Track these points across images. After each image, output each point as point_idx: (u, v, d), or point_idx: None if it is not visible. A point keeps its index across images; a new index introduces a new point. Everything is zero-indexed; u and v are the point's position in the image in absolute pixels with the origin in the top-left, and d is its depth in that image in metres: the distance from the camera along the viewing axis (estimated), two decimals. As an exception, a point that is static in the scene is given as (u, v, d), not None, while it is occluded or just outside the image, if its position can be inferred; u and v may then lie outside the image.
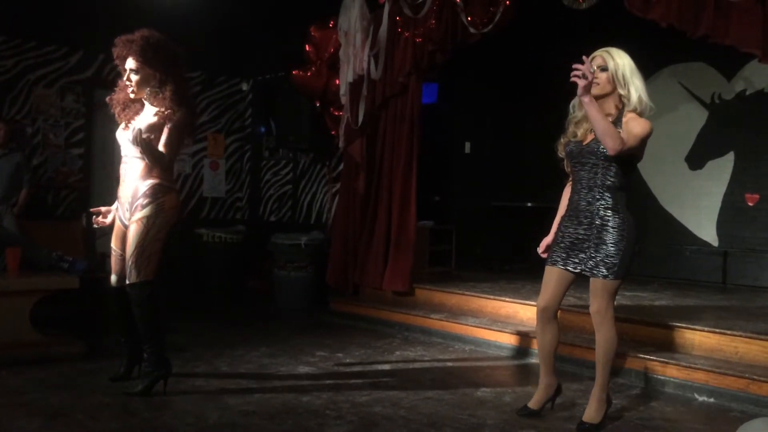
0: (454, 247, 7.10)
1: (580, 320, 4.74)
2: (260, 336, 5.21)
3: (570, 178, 3.35)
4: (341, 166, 6.81)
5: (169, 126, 3.57)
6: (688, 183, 6.83)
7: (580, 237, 3.18)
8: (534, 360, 4.64)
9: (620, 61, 3.11)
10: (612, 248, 3.10)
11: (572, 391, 3.87)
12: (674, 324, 4.43)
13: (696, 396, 3.93)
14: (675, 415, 3.63)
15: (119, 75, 3.74)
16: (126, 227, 3.62)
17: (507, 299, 5.34)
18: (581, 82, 2.91)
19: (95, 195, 7.05)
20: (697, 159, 6.79)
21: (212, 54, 7.18)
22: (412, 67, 5.91)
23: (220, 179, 8.17)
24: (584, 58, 2.95)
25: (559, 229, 3.31)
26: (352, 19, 6.22)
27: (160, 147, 3.56)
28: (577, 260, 3.19)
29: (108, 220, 3.75)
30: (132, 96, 3.66)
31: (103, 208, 3.80)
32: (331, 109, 6.68)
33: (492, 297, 5.44)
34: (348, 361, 4.58)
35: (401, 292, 5.99)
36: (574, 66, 2.91)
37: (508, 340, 4.97)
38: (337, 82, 6.46)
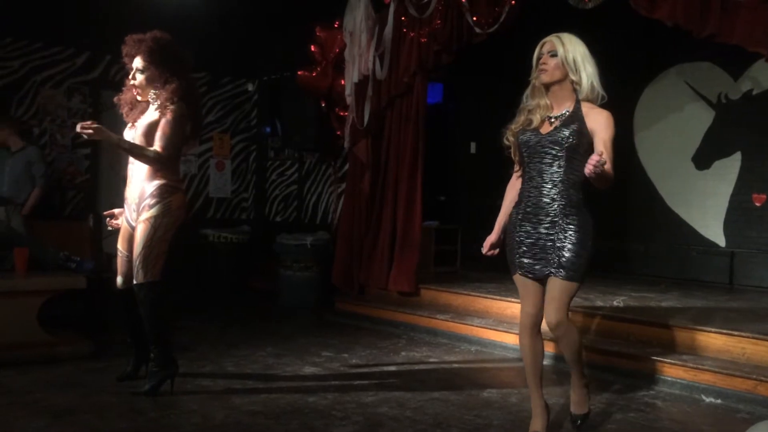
0: (459, 247, 7.09)
1: (581, 319, 4.74)
2: (266, 336, 5.22)
3: (517, 170, 3.09)
4: (347, 166, 6.81)
5: (163, 121, 3.58)
6: (694, 183, 6.81)
7: (542, 237, 2.92)
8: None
9: (571, 46, 2.91)
10: (576, 248, 2.87)
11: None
12: (681, 325, 4.41)
13: (703, 397, 3.91)
14: (682, 416, 3.62)
15: (126, 76, 3.76)
16: (133, 228, 3.63)
17: (513, 300, 5.33)
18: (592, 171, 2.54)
19: (102, 195, 7.08)
20: (703, 159, 6.77)
21: (218, 54, 7.20)
22: (417, 68, 5.91)
23: (226, 179, 8.18)
24: (596, 157, 2.53)
25: (515, 230, 3.00)
26: (357, 19, 6.22)
27: (155, 144, 3.55)
28: (539, 261, 2.93)
29: (122, 222, 3.76)
30: (137, 94, 3.68)
31: (116, 210, 3.81)
32: (337, 109, 6.68)
33: (498, 297, 5.43)
34: (354, 361, 4.58)
35: (407, 293, 5.99)
36: (592, 164, 2.52)
37: (514, 340, 4.96)
38: (343, 82, 6.46)
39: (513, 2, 5.27)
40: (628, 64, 6.60)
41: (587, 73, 2.90)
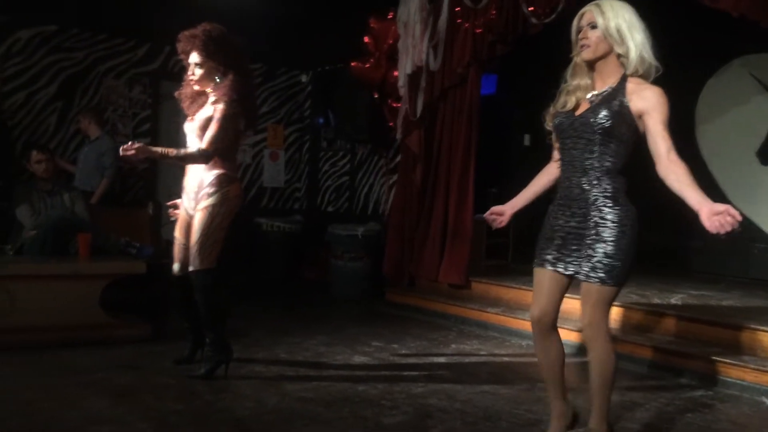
0: (511, 240, 7.02)
1: (639, 317, 4.64)
2: (317, 324, 5.29)
3: (555, 157, 2.81)
4: (398, 158, 6.81)
5: (213, 119, 3.63)
6: (759, 178, 6.55)
7: (573, 232, 2.60)
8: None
9: (612, 14, 2.53)
10: (612, 247, 2.50)
11: (638, 391, 3.78)
12: (742, 324, 4.27)
13: (764, 400, 3.78)
14: (742, 418, 3.51)
15: (184, 68, 3.84)
16: (191, 217, 3.72)
17: (566, 295, 5.24)
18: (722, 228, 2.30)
19: (161, 183, 7.28)
20: (769, 153, 6.52)
21: (273, 46, 7.28)
22: (471, 59, 5.85)
23: (280, 169, 8.30)
24: (722, 210, 2.32)
25: (549, 222, 2.71)
26: (411, 10, 6.20)
27: (204, 143, 3.61)
28: (569, 260, 2.61)
29: (180, 211, 3.86)
30: (197, 89, 3.76)
31: (178, 201, 3.91)
32: (390, 100, 6.68)
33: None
34: (403, 352, 4.60)
35: (457, 285, 5.96)
36: (722, 221, 2.30)
37: (567, 336, 4.86)
38: (396, 73, 6.45)
39: (569, -9, 5.16)
40: (690, 56, 6.38)
41: (635, 43, 2.52)
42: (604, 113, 2.52)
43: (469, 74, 5.93)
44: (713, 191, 6.67)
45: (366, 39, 6.69)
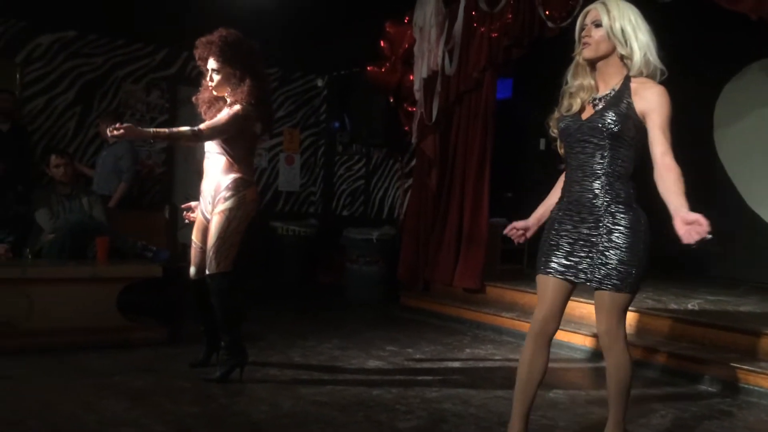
0: (526, 244, 6.95)
1: (655, 322, 4.60)
2: (332, 328, 5.30)
3: (564, 165, 2.69)
4: (414, 162, 6.82)
5: (225, 110, 3.66)
6: (778, 183, 6.49)
7: (583, 238, 2.51)
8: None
9: (618, 13, 2.45)
10: (626, 253, 2.44)
11: (655, 397, 3.75)
12: (760, 330, 4.22)
13: (783, 407, 3.74)
14: (760, 425, 3.47)
15: (202, 73, 3.87)
16: (208, 220, 3.75)
17: (581, 300, 5.21)
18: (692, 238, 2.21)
19: (177, 187, 7.34)
20: (788, 157, 6.44)
21: (288, 51, 7.33)
22: (487, 63, 5.85)
23: (295, 173, 8.33)
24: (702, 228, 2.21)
25: (553, 228, 2.62)
26: (427, 14, 6.21)
27: (203, 124, 3.61)
28: (579, 268, 2.52)
29: (197, 214, 3.89)
30: (215, 94, 3.79)
31: (193, 204, 3.94)
32: (405, 104, 6.69)
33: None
34: (418, 356, 4.59)
35: (472, 289, 5.95)
36: (691, 231, 2.21)
37: (582, 341, 4.87)
38: (411, 77, 6.47)
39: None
40: (708, 59, 6.33)
41: (639, 44, 2.44)
42: (611, 117, 2.45)
43: (484, 78, 5.93)
44: (731, 195, 6.65)
45: (382, 43, 6.72)
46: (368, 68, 6.73)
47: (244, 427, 3.10)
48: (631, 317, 4.83)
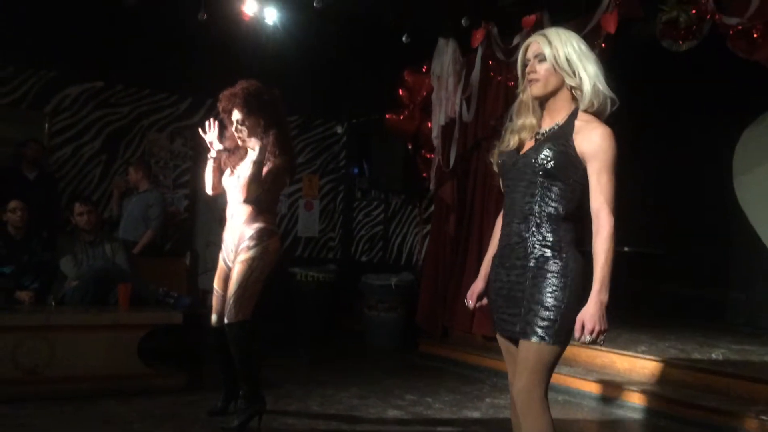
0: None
1: (684, 375, 4.52)
2: (350, 376, 5.27)
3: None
4: (432, 208, 6.86)
5: (265, 169, 3.74)
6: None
7: (513, 287, 2.28)
8: (632, 414, 4.45)
9: (559, 43, 2.25)
10: (550, 300, 2.18)
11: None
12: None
13: (814, 462, 3.64)
14: (790, 482, 3.37)
15: (223, 124, 3.96)
16: (229, 268, 3.79)
17: (603, 349, 5.15)
18: None
19: (199, 233, 7.42)
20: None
21: (309, 98, 7.47)
22: (503, 110, 5.92)
23: (314, 219, 8.39)
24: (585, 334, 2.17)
25: (491, 278, 2.41)
26: (444, 63, 6.33)
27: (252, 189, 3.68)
28: (513, 320, 2.26)
29: (219, 262, 3.90)
30: (240, 144, 3.87)
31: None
32: (423, 151, 6.78)
33: (586, 345, 5.27)
34: (437, 406, 4.54)
35: (491, 337, 5.90)
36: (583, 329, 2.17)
37: (604, 391, 4.79)
38: (429, 125, 6.56)
39: (603, 45, 5.21)
40: (726, 105, 6.36)
41: (588, 74, 2.23)
42: (546, 153, 2.23)
43: (501, 125, 5.98)
44: (752, 242, 6.57)
45: (400, 91, 6.84)
46: (387, 116, 6.84)
47: (262, 478, 3.08)
48: (653, 367, 4.76)
